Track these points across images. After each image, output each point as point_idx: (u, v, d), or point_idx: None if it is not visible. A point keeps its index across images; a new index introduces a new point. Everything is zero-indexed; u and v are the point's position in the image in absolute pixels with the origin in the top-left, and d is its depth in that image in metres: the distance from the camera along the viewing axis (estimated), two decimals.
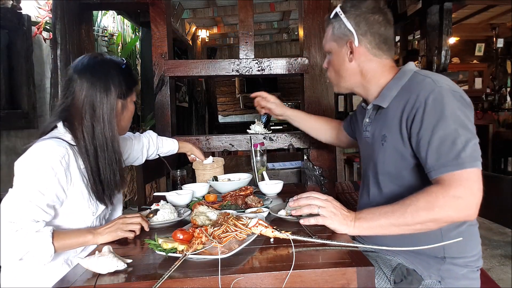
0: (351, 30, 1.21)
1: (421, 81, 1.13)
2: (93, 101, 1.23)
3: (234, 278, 0.85)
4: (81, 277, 0.88)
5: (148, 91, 4.94)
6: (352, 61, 1.24)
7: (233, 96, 9.33)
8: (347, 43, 1.23)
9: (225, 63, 2.14)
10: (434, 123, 1.04)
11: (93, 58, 1.29)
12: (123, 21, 5.04)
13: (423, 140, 1.05)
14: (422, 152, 1.06)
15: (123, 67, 1.32)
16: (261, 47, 8.18)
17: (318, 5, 2.11)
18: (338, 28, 1.24)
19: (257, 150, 1.83)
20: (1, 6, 2.63)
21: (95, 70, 1.26)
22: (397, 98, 1.17)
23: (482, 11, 5.95)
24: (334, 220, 1.09)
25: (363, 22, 1.21)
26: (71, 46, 2.30)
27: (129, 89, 1.34)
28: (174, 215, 1.30)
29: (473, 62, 7.76)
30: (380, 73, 1.24)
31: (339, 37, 1.25)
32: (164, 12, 2.12)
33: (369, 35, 1.21)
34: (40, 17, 3.10)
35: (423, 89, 1.09)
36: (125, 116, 1.37)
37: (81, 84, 1.23)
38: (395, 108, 1.16)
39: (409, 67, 1.22)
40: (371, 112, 1.29)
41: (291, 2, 5.41)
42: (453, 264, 1.15)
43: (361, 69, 1.25)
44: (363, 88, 1.29)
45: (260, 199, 1.43)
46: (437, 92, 1.06)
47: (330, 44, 1.29)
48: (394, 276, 1.15)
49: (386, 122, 1.20)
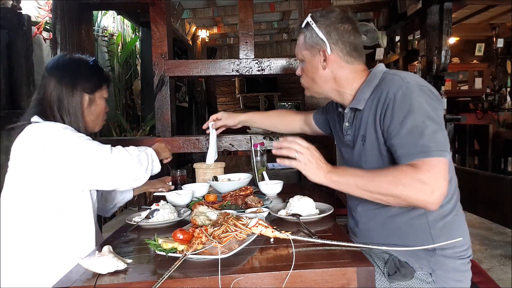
0: (323, 39, 1.25)
1: (390, 79, 1.19)
2: (60, 95, 1.34)
3: (234, 278, 0.85)
4: (81, 277, 0.88)
5: (148, 91, 4.94)
6: (325, 68, 1.28)
7: (233, 96, 9.32)
8: (320, 52, 1.27)
9: (225, 63, 2.14)
10: (403, 115, 1.08)
11: (62, 57, 1.43)
12: (123, 21, 5.04)
13: (393, 132, 1.10)
14: (393, 144, 1.11)
15: (91, 63, 1.43)
16: (261, 47, 8.17)
17: (318, 5, 2.11)
18: (310, 37, 1.28)
19: (257, 150, 1.83)
20: (1, 6, 2.63)
21: (63, 66, 1.38)
22: (370, 98, 1.22)
23: (482, 11, 5.95)
24: (307, 167, 1.14)
25: (334, 32, 1.25)
26: (71, 46, 2.29)
27: (97, 85, 1.43)
28: (174, 215, 1.30)
29: (473, 62, 7.77)
30: (352, 78, 1.29)
31: (311, 46, 1.29)
32: (164, 12, 2.12)
33: (340, 43, 1.26)
34: (40, 17, 3.10)
35: (392, 85, 1.15)
36: (93, 111, 1.43)
37: (50, 79, 1.35)
38: (369, 108, 1.21)
39: (379, 68, 1.27)
40: (349, 115, 1.32)
41: (291, 2, 5.41)
42: (443, 256, 1.18)
43: (335, 76, 1.29)
44: (337, 93, 1.33)
45: (260, 199, 1.43)
46: (405, 87, 1.11)
47: (302, 52, 1.33)
48: (387, 268, 1.18)
49: (363, 122, 1.24)
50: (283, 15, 6.17)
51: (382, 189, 1.05)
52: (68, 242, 1.29)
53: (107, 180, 1.25)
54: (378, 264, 1.21)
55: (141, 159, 1.30)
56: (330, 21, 1.26)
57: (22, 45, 2.81)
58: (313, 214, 1.24)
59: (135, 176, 1.28)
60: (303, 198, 1.28)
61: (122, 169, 1.24)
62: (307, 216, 1.22)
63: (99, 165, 1.22)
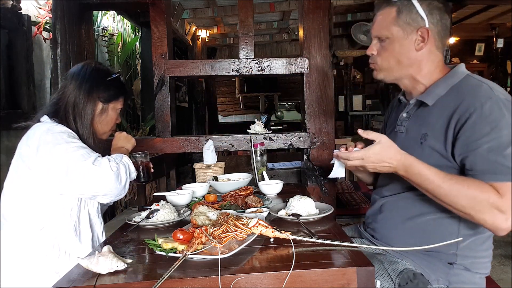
0: (423, 17, 1.13)
1: (476, 86, 1.09)
2: (77, 98, 1.40)
3: (234, 278, 0.85)
4: (81, 277, 0.88)
5: (148, 91, 4.94)
6: (420, 50, 1.16)
7: (233, 96, 9.32)
8: (418, 31, 1.14)
9: (225, 63, 2.13)
10: (488, 130, 1.01)
11: (88, 64, 1.48)
12: (123, 21, 5.04)
13: (473, 145, 1.03)
14: (469, 157, 1.04)
15: (113, 76, 1.48)
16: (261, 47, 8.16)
17: (318, 5, 2.11)
18: (407, 13, 1.14)
19: (257, 150, 1.83)
20: (1, 6, 2.63)
21: (86, 74, 1.43)
22: (446, 98, 1.13)
23: (482, 11, 5.94)
24: (377, 170, 1.10)
25: (436, 11, 1.13)
26: (71, 46, 2.29)
27: (114, 97, 1.47)
28: (174, 215, 1.30)
29: (473, 62, 7.77)
30: (435, 68, 1.19)
31: (407, 22, 1.14)
32: (164, 12, 2.12)
33: (440, 25, 1.14)
34: (40, 17, 3.10)
35: (479, 94, 1.06)
36: (103, 120, 1.47)
37: (70, 83, 1.42)
38: (443, 109, 1.12)
39: (461, 69, 1.17)
40: (412, 107, 1.24)
41: (291, 2, 5.40)
42: (465, 269, 1.14)
43: (422, 60, 1.17)
44: (412, 80, 1.21)
45: (260, 199, 1.43)
46: (494, 100, 1.03)
47: (391, 28, 1.17)
48: (399, 279, 1.13)
49: (428, 120, 1.16)
50: (283, 15, 6.17)
51: (454, 200, 1.01)
52: (54, 245, 1.31)
53: (84, 190, 1.27)
54: (389, 272, 1.15)
55: (120, 173, 1.29)
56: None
57: (22, 45, 2.81)
58: (313, 214, 1.24)
59: (114, 193, 1.29)
60: (303, 198, 1.28)
61: (100, 183, 1.25)
62: (307, 216, 1.22)
63: (77, 175, 1.24)
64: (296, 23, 6.33)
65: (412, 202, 1.18)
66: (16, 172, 1.32)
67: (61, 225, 1.31)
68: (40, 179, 1.28)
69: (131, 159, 1.42)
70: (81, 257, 0.92)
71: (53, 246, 1.30)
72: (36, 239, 1.28)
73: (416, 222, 1.18)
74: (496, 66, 7.02)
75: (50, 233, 1.30)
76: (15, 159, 1.33)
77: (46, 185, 1.28)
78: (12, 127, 1.53)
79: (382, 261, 1.19)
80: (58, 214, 1.31)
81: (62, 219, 1.32)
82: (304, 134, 2.12)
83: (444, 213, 1.12)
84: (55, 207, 1.30)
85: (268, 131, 2.15)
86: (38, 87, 3.08)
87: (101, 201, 1.35)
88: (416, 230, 1.18)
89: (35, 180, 1.28)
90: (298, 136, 2.13)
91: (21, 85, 2.83)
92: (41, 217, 1.29)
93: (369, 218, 1.36)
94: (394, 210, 1.24)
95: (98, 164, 1.25)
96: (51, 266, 1.28)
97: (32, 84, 2.91)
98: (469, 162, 1.04)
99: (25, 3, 2.92)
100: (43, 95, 3.17)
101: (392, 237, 1.24)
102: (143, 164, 1.54)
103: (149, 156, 1.59)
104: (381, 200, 1.29)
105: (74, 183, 1.25)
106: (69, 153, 1.25)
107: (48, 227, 1.30)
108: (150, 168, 1.57)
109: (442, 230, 1.14)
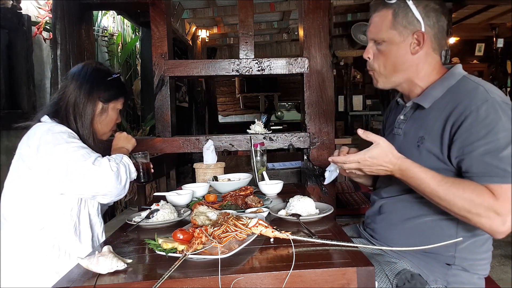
0: (419, 20, 1.11)
1: (472, 88, 1.08)
2: (77, 98, 1.40)
3: (234, 278, 0.85)
4: (81, 277, 0.88)
5: (148, 91, 4.93)
6: (416, 53, 1.15)
7: (233, 96, 9.32)
8: (414, 34, 1.13)
9: (225, 63, 2.13)
10: (484, 133, 1.01)
11: (88, 65, 1.48)
12: (123, 21, 5.04)
13: (469, 148, 1.02)
14: (465, 159, 1.03)
15: (114, 76, 1.49)
16: (261, 47, 8.16)
17: (318, 5, 2.11)
18: (403, 16, 1.12)
19: (257, 150, 1.83)
20: (1, 6, 2.63)
21: (86, 75, 1.43)
22: (442, 100, 1.13)
23: (482, 11, 5.95)
24: (374, 173, 1.10)
25: (432, 13, 1.11)
26: (71, 46, 2.29)
27: (114, 97, 1.48)
28: (174, 215, 1.30)
29: (473, 62, 7.77)
30: (432, 70, 1.18)
31: (404, 26, 1.13)
32: (164, 12, 2.12)
33: (437, 27, 1.13)
34: (40, 17, 3.10)
35: (475, 97, 1.05)
36: (103, 120, 1.48)
37: (71, 83, 1.42)
38: (439, 111, 1.12)
39: (458, 70, 1.16)
40: (409, 110, 1.24)
41: (291, 2, 5.40)
42: (463, 270, 1.14)
43: (419, 63, 1.16)
44: (410, 83, 1.21)
45: (260, 199, 1.43)
46: (490, 102, 1.02)
47: (388, 32, 1.15)
48: (397, 280, 1.13)
49: (425, 123, 1.15)
50: (283, 15, 6.16)
51: (451, 202, 1.01)
52: (54, 244, 1.31)
53: (84, 190, 1.27)
54: (386, 272, 1.15)
55: (120, 174, 1.29)
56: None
57: (22, 45, 2.81)
58: (313, 214, 1.24)
59: (114, 193, 1.29)
60: (303, 198, 1.28)
61: (100, 183, 1.25)
62: (307, 216, 1.22)
63: (77, 175, 1.24)
64: (296, 23, 6.33)
65: (411, 204, 1.18)
66: (16, 172, 1.32)
67: (61, 225, 1.32)
68: (40, 179, 1.28)
69: (131, 159, 1.41)
70: (81, 257, 0.92)
71: (53, 246, 1.30)
72: (36, 239, 1.29)
73: (415, 223, 1.18)
74: (496, 66, 7.02)
75: (50, 233, 1.30)
76: (15, 159, 1.33)
77: (46, 185, 1.28)
78: (12, 127, 1.54)
79: (380, 261, 1.19)
80: (58, 214, 1.31)
81: (62, 219, 1.32)
82: (304, 134, 2.12)
83: (443, 215, 1.12)
84: (55, 207, 1.30)
85: (268, 131, 2.15)
86: (38, 87, 3.08)
87: (101, 201, 1.35)
88: (415, 232, 1.18)
89: (35, 180, 1.28)
90: (298, 136, 2.13)
91: (21, 85, 2.83)
92: (41, 217, 1.29)
93: (368, 218, 1.37)
94: (393, 212, 1.24)
95: (98, 164, 1.25)
96: (51, 266, 1.28)
97: (32, 84, 2.91)
98: (465, 164, 1.04)
99: (25, 3, 2.92)
100: (43, 95, 3.17)
101: (391, 238, 1.24)
102: (143, 165, 1.54)
103: (149, 157, 1.59)
104: (380, 201, 1.30)
105: (74, 183, 1.25)
106: (69, 153, 1.25)
107: (48, 227, 1.30)
108: (150, 169, 1.56)
109: (440, 232, 1.14)
